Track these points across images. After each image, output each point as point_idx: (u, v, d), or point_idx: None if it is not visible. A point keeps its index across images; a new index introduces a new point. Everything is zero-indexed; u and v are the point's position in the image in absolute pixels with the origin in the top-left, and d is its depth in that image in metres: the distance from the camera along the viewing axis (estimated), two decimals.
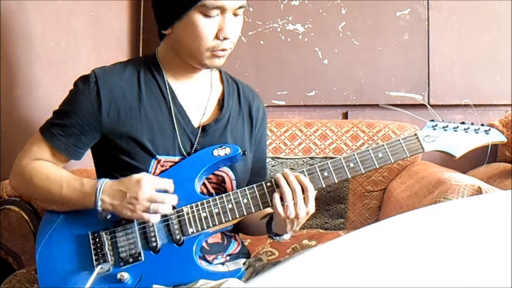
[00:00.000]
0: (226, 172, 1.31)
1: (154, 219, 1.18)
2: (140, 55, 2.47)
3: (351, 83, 2.40)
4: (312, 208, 1.19)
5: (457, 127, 1.27)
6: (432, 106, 2.28)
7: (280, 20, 2.41)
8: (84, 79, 1.26)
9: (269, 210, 1.29)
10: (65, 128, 1.24)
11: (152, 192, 1.16)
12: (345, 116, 2.44)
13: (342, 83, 2.40)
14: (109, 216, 1.20)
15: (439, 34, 2.38)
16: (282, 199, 1.18)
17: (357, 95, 2.40)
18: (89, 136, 1.25)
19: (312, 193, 1.19)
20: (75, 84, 1.27)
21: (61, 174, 1.24)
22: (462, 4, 2.36)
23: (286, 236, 1.26)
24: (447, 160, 2.12)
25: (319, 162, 1.23)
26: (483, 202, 1.22)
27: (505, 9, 2.32)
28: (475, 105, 2.35)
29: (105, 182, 1.19)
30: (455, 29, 2.37)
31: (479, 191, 1.41)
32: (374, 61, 2.39)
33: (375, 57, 2.39)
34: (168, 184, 1.20)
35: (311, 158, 2.09)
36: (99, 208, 1.18)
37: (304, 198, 1.18)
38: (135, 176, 1.17)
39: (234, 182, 1.32)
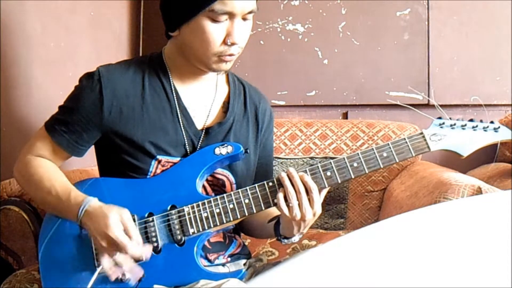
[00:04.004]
0: (227, 176, 1.30)
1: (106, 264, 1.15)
2: (140, 55, 2.46)
3: (351, 83, 2.40)
4: (318, 210, 1.16)
5: (465, 125, 1.21)
6: (432, 106, 2.29)
7: (280, 20, 2.40)
8: (88, 76, 1.25)
9: (274, 211, 1.27)
10: (68, 125, 1.24)
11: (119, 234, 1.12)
12: (345, 116, 2.44)
13: (342, 83, 2.40)
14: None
15: (439, 34, 2.37)
16: (286, 199, 1.15)
17: (357, 95, 2.40)
18: (90, 134, 1.25)
19: (316, 194, 1.15)
20: (80, 80, 1.27)
21: (53, 179, 1.24)
22: (462, 4, 2.36)
23: (295, 239, 1.23)
24: (447, 160, 2.14)
25: (320, 162, 1.20)
26: (483, 202, 1.22)
27: (505, 9, 2.32)
28: (474, 105, 2.36)
29: (90, 204, 1.17)
30: (455, 29, 2.37)
31: (479, 191, 1.41)
32: (374, 61, 2.39)
33: (375, 57, 2.39)
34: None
35: (311, 158, 2.09)
36: (79, 226, 1.18)
37: (309, 199, 1.15)
38: (113, 214, 1.13)
39: (234, 186, 1.31)
